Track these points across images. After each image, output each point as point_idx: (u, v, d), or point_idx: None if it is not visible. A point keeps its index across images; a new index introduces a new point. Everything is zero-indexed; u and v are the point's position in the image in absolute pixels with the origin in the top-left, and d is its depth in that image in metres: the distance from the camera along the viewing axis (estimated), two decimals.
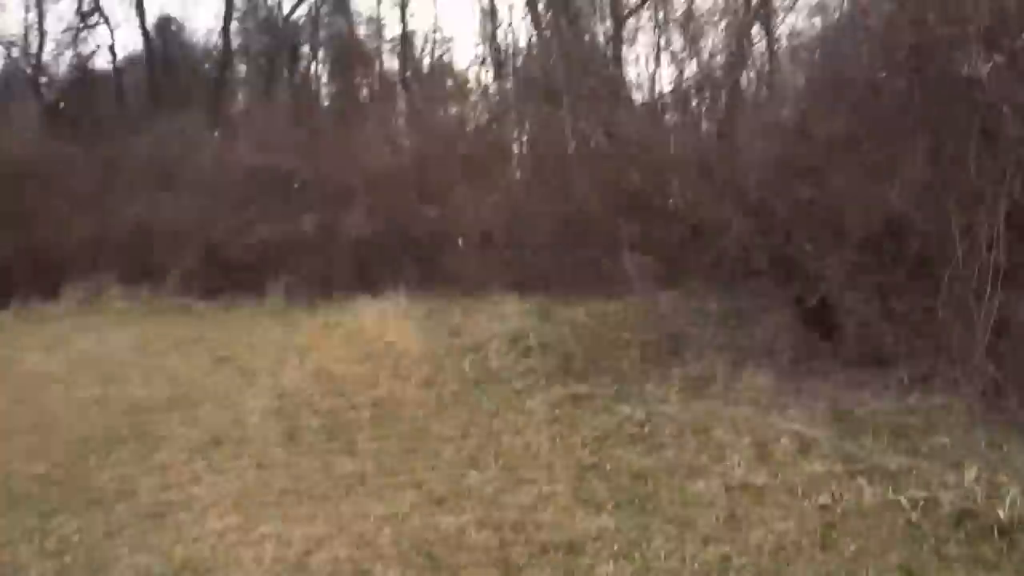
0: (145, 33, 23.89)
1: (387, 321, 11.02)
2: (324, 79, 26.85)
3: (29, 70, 24.06)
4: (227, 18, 24.17)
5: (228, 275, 14.70)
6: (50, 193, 18.49)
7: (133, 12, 23.69)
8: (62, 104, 22.58)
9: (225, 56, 24.71)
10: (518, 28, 22.97)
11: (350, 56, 25.15)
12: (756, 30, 20.05)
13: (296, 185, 15.34)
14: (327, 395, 7.91)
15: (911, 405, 6.14)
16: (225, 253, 14.68)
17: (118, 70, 24.28)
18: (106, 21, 23.93)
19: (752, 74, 18.81)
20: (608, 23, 22.20)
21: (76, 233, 17.04)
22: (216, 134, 17.08)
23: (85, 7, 23.84)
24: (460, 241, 13.02)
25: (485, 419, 6.70)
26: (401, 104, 23.37)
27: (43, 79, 24.16)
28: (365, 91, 25.60)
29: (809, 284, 7.30)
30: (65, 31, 23.95)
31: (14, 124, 20.85)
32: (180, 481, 5.93)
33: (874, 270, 7.20)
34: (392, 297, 12.39)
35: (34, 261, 17.28)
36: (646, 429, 6.08)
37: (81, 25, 23.95)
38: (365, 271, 13.32)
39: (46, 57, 24.32)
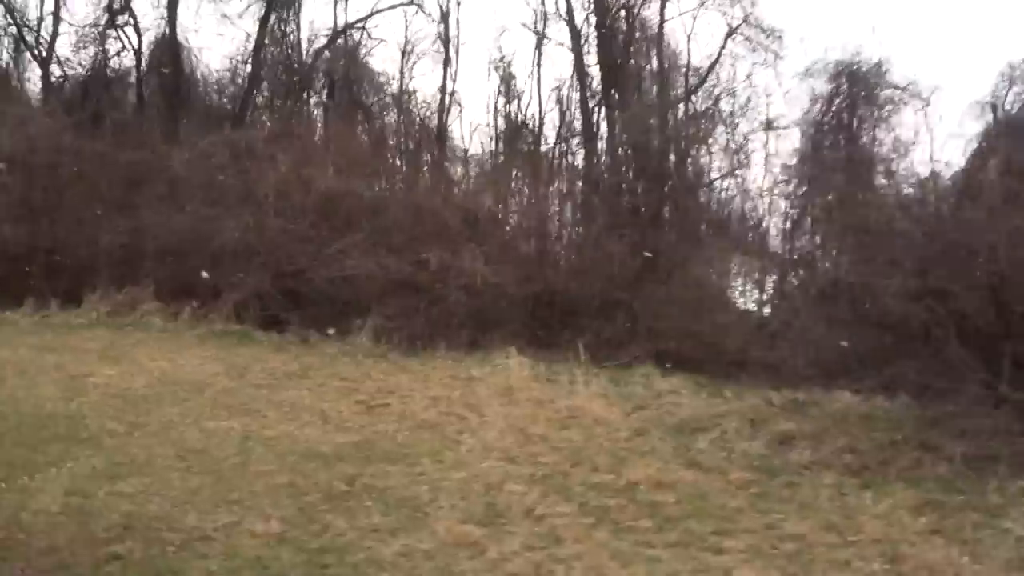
0: (175, 41, 22.10)
1: (544, 383, 9.62)
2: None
3: (39, 59, 22.06)
4: (258, 46, 22.77)
5: (298, 307, 12.98)
6: (73, 192, 16.51)
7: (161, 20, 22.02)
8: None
9: (253, 82, 23.23)
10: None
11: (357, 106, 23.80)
12: None
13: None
14: (576, 467, 6.44)
15: None
16: (300, 282, 12.97)
17: (141, 76, 22.38)
18: (135, 22, 22.07)
19: None
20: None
21: (104, 238, 15.05)
22: (284, 154, 15.37)
23: (116, 4, 21.94)
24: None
25: (839, 521, 5.34)
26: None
27: (57, 72, 22.13)
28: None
29: None
30: (91, 26, 21.98)
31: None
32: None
33: None
34: (511, 355, 10.91)
35: (52, 262, 15.23)
36: None
37: (109, 22, 22.00)
38: (478, 323, 11.82)
39: (62, 49, 22.52)
